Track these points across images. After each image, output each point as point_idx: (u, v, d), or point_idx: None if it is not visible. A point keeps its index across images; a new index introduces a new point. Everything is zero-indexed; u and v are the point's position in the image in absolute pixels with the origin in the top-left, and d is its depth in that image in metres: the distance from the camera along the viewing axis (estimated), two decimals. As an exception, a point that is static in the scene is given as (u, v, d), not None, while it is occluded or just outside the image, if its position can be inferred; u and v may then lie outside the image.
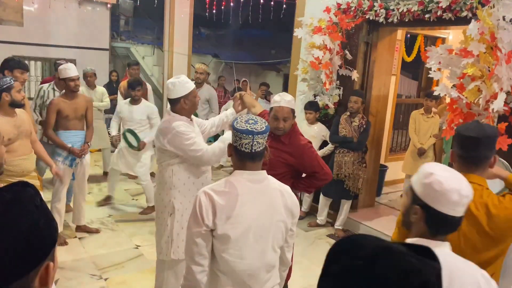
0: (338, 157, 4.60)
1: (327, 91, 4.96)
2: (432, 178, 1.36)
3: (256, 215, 1.69)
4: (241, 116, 1.77)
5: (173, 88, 2.73)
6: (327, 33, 4.66)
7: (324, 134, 4.95)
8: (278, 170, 2.85)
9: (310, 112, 4.89)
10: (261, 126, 1.71)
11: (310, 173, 2.87)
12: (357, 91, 4.68)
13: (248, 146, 1.68)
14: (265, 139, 1.71)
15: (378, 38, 4.86)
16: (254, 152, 1.69)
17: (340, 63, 4.85)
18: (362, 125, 4.56)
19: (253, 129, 1.68)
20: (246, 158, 1.71)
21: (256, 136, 1.67)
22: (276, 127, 2.82)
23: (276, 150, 2.83)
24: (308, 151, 2.83)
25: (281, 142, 2.83)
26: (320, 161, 2.86)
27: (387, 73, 5.11)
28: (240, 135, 1.68)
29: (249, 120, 1.73)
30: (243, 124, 1.70)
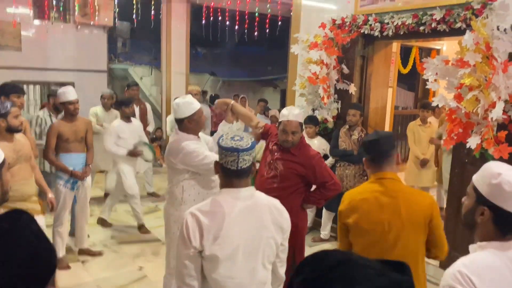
0: (339, 170, 4.59)
1: (325, 105, 4.97)
2: (500, 178, 1.32)
3: (244, 233, 1.67)
4: (227, 133, 1.77)
5: (178, 109, 2.82)
6: (323, 48, 4.70)
7: (324, 147, 4.95)
8: (290, 181, 2.94)
9: (309, 126, 4.90)
10: (246, 143, 1.70)
11: (320, 184, 2.95)
12: (355, 104, 4.69)
13: (234, 164, 1.67)
14: (251, 156, 1.70)
15: (373, 52, 4.90)
16: (240, 169, 1.68)
17: (337, 77, 4.87)
18: (361, 137, 4.56)
19: (238, 146, 1.67)
20: (232, 175, 1.70)
21: (241, 153, 1.66)
22: (285, 140, 2.92)
23: (287, 162, 2.94)
24: (318, 161, 2.93)
25: (291, 154, 2.94)
26: (330, 171, 2.97)
27: (384, 86, 5.14)
28: (225, 152, 1.68)
29: (234, 137, 1.72)
30: (228, 142, 1.70)
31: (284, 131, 2.91)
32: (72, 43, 8.94)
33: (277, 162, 2.97)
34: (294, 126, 2.89)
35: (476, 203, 1.39)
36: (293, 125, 2.88)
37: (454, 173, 3.91)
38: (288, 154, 2.95)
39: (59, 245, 4.01)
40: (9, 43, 8.33)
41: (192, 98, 2.89)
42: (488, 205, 1.35)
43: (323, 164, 2.96)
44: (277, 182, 2.95)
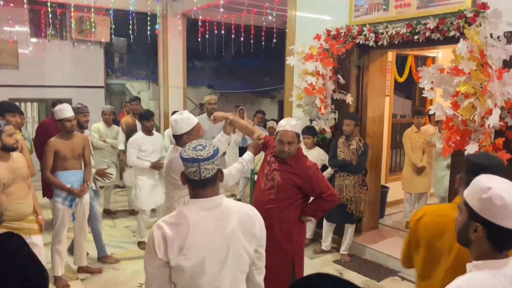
0: (338, 180, 4.57)
1: (322, 116, 4.98)
2: (491, 192, 1.27)
3: (210, 244, 1.65)
4: (191, 143, 1.78)
5: (176, 125, 2.84)
6: (318, 60, 4.72)
7: (323, 158, 4.94)
8: (287, 192, 2.93)
9: (307, 137, 4.89)
10: (208, 151, 1.70)
11: (317, 195, 2.94)
12: (349, 114, 4.71)
13: (197, 174, 1.67)
14: (214, 164, 1.70)
15: (369, 61, 4.92)
16: (204, 179, 1.68)
17: (334, 87, 4.88)
18: (359, 147, 4.55)
19: (198, 156, 1.67)
20: (196, 186, 1.70)
21: (202, 163, 1.66)
22: (282, 151, 2.92)
23: (284, 173, 2.93)
24: (315, 172, 2.93)
25: (288, 165, 2.94)
26: (327, 183, 2.96)
27: (380, 95, 5.15)
28: (186, 163, 1.69)
29: (197, 147, 1.73)
30: (189, 152, 1.70)
31: (281, 141, 2.91)
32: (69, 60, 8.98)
33: (274, 173, 2.96)
34: (290, 137, 2.88)
35: (469, 220, 1.35)
36: (289, 135, 2.88)
37: (453, 181, 3.90)
38: (285, 165, 2.94)
39: (58, 263, 3.97)
40: (6, 61, 8.36)
41: (189, 113, 2.91)
42: (480, 221, 1.31)
43: (320, 175, 2.95)
44: (274, 193, 2.94)
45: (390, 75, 6.22)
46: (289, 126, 2.90)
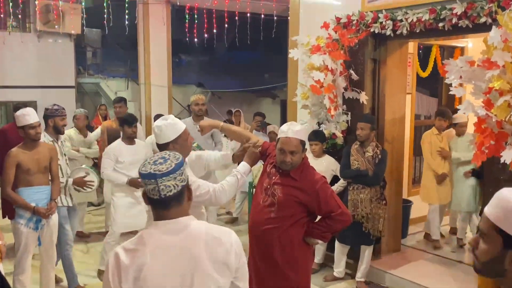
0: (352, 194, 4.58)
1: (332, 118, 4.99)
2: None
3: (171, 274, 1.65)
4: (153, 156, 1.80)
5: (160, 133, 2.85)
6: (327, 52, 4.74)
7: (333, 168, 4.95)
8: (290, 210, 2.94)
9: (315, 143, 4.90)
10: (169, 165, 1.70)
11: (326, 214, 2.95)
12: (364, 116, 4.73)
13: (155, 192, 1.69)
14: (177, 179, 1.70)
15: (386, 53, 4.95)
16: (165, 198, 1.68)
17: (345, 84, 4.91)
18: (376, 154, 4.57)
19: (156, 171, 1.68)
20: (157, 206, 1.72)
21: (160, 179, 1.67)
22: (283, 161, 2.94)
23: (286, 187, 2.95)
24: (323, 186, 2.94)
25: (291, 178, 2.95)
26: (337, 199, 2.97)
27: (400, 92, 5.17)
28: (143, 180, 1.70)
29: (158, 160, 1.74)
30: (147, 166, 1.72)
31: (282, 150, 2.92)
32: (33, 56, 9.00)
33: (274, 187, 2.98)
34: (293, 145, 2.90)
35: (504, 249, 1.30)
36: (292, 143, 2.90)
37: (488, 193, 3.91)
38: (288, 178, 2.96)
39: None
40: (-41, 58, 8.40)
41: (175, 118, 2.93)
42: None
43: (329, 190, 2.97)
44: (274, 211, 2.95)
45: (411, 69, 6.25)
46: (292, 133, 2.92)
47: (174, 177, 1.70)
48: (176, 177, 1.70)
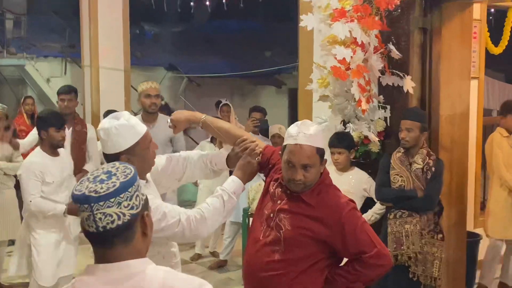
0: (393, 225, 4.57)
1: (364, 114, 4.98)
2: None
3: None
4: (97, 169, 1.79)
5: (108, 139, 2.78)
6: (355, 19, 4.75)
7: (365, 186, 4.95)
8: (301, 250, 2.94)
9: (339, 151, 4.89)
10: (111, 184, 1.69)
11: (355, 255, 2.94)
12: (410, 112, 4.73)
13: (90, 223, 1.69)
14: (123, 206, 1.69)
15: (441, 20, 4.94)
16: (104, 232, 1.69)
17: (382, 65, 4.90)
18: (429, 167, 4.56)
19: (91, 192, 1.68)
20: (95, 242, 1.74)
21: (96, 205, 1.67)
22: (292, 179, 2.94)
23: (296, 216, 2.95)
24: (351, 214, 2.94)
25: (303, 203, 2.96)
26: (371, 234, 2.96)
27: (462, 77, 5.17)
28: (77, 205, 1.72)
29: (99, 176, 1.73)
30: (84, 185, 1.72)
31: (290, 163, 2.91)
32: None
33: (280, 216, 2.97)
34: (305, 156, 2.89)
35: None
36: (304, 153, 2.89)
37: None
38: (299, 203, 2.96)
39: None
40: None
41: (131, 116, 2.87)
42: None
43: (359, 220, 2.96)
44: (280, 251, 2.94)
45: (478, 43, 6.26)
46: (304, 137, 2.91)
47: (118, 202, 1.69)
48: (121, 203, 1.69)
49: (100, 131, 2.80)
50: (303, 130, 2.92)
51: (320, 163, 2.96)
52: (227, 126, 3.52)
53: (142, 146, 2.83)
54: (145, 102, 5.46)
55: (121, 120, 2.80)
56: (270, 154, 3.24)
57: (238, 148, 3.24)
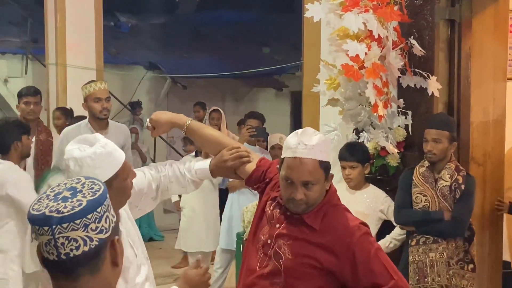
0: (416, 253, 4.56)
1: (381, 121, 4.98)
2: None
3: None
4: (58, 184, 1.77)
5: (81, 171, 2.62)
6: (370, 9, 4.76)
7: (382, 207, 4.95)
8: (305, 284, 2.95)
9: (351, 164, 4.90)
10: (76, 203, 1.67)
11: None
12: (437, 118, 4.74)
13: (51, 249, 1.66)
14: (91, 229, 1.68)
15: (472, 11, 4.96)
16: (67, 259, 1.66)
17: (402, 64, 4.91)
18: (458, 185, 4.55)
19: (53, 212, 1.65)
20: (55, 272, 1.72)
21: (59, 228, 1.64)
22: (292, 199, 2.93)
23: (298, 243, 2.95)
24: (363, 240, 2.94)
25: (305, 227, 2.96)
26: (387, 263, 2.94)
27: (497, 78, 5.18)
28: (34, 227, 1.68)
29: (61, 193, 1.71)
30: (43, 203, 1.69)
31: (289, 180, 2.90)
32: None
33: (279, 242, 2.96)
34: (307, 171, 2.87)
35: None
36: (305, 168, 2.87)
37: None
38: (301, 228, 2.95)
39: None
40: None
41: (106, 141, 2.74)
42: None
43: (373, 247, 2.94)
44: (280, 284, 2.94)
45: (515, 38, 6.27)
46: (304, 149, 2.89)
47: (85, 224, 1.66)
48: (88, 225, 1.67)
49: (70, 161, 2.67)
50: (304, 140, 2.90)
51: (324, 179, 2.95)
52: (216, 134, 3.51)
53: (122, 177, 2.74)
54: (95, 107, 5.46)
55: (96, 146, 2.68)
56: (267, 168, 3.24)
57: (229, 155, 3.23)
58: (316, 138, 2.93)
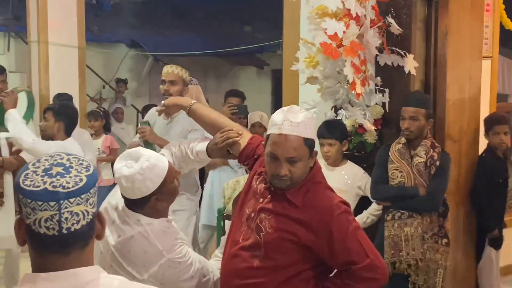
0: (391, 228, 4.60)
1: (358, 99, 4.99)
2: None
3: None
4: (38, 159, 1.76)
5: (133, 186, 2.87)
6: (348, -13, 4.76)
7: (360, 183, 4.98)
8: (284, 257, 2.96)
9: (330, 142, 4.92)
10: (77, 178, 1.69)
11: (344, 265, 2.96)
12: (413, 96, 4.76)
13: (53, 224, 1.66)
14: (90, 204, 1.70)
15: (449, -10, 4.98)
16: (67, 234, 1.67)
17: (380, 42, 4.92)
18: (433, 161, 4.59)
19: (58, 187, 1.65)
20: (49, 247, 1.70)
21: (66, 203, 1.65)
22: (276, 175, 2.94)
23: (279, 218, 2.96)
24: (341, 218, 2.95)
25: (287, 202, 2.98)
26: (363, 241, 2.96)
27: (473, 56, 5.21)
28: (31, 203, 1.66)
29: (50, 169, 1.70)
30: (37, 179, 1.68)
31: (273, 157, 2.91)
32: None
33: (261, 216, 2.98)
34: (291, 148, 2.88)
35: None
36: (290, 144, 2.88)
37: None
38: (283, 203, 2.96)
39: None
40: None
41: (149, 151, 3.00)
42: None
43: (350, 225, 2.95)
44: (259, 256, 2.96)
45: (491, 17, 6.28)
46: (290, 126, 2.91)
47: (87, 199, 1.69)
48: (88, 200, 1.70)
49: (121, 179, 2.87)
50: (290, 117, 2.91)
51: (309, 156, 2.96)
52: (215, 116, 3.57)
53: (169, 180, 2.97)
54: None
55: (141, 161, 2.88)
56: (256, 145, 3.27)
57: (219, 138, 3.30)
58: (301, 115, 2.95)
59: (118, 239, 2.94)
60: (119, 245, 2.93)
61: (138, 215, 2.95)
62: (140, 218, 2.94)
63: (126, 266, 2.90)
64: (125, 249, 2.91)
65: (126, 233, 2.93)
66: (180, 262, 2.92)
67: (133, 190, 2.88)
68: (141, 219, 2.94)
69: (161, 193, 2.92)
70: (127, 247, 2.91)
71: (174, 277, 2.94)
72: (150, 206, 2.94)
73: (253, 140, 3.32)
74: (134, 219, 2.94)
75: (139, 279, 2.87)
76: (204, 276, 2.99)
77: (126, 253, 2.91)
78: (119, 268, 2.92)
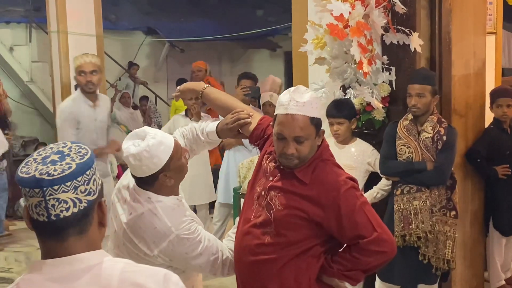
0: (400, 202, 4.59)
1: (366, 78, 4.97)
2: None
3: None
4: (44, 148, 1.79)
5: (141, 164, 2.89)
6: (353, -31, 4.72)
7: (369, 160, 4.97)
8: (293, 233, 2.96)
9: (338, 121, 4.90)
10: (65, 166, 1.69)
11: (352, 240, 2.95)
12: (419, 74, 4.73)
13: (41, 210, 1.68)
14: (80, 191, 1.71)
15: (452, -32, 4.93)
16: (57, 221, 1.69)
17: (385, 21, 4.88)
18: (440, 136, 4.57)
19: (43, 175, 1.67)
20: (44, 233, 1.73)
21: (50, 190, 1.67)
22: (283, 154, 2.95)
23: (288, 195, 2.97)
24: (349, 194, 2.94)
25: (296, 180, 2.98)
26: (371, 216, 2.95)
27: (477, 32, 5.18)
28: (23, 189, 1.71)
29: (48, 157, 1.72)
30: (32, 166, 1.70)
31: (281, 136, 2.92)
32: None
33: (271, 194, 2.99)
34: (298, 127, 2.88)
35: None
36: (297, 124, 2.88)
37: None
38: (292, 181, 2.96)
39: None
40: None
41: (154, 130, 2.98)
42: None
43: (358, 200, 2.94)
44: (270, 233, 2.96)
45: (494, -6, 6.23)
46: (297, 106, 2.90)
47: (75, 186, 1.69)
48: (77, 187, 1.70)
49: (129, 158, 2.89)
50: (295, 97, 2.91)
51: (315, 135, 2.95)
52: (226, 99, 3.60)
53: (176, 157, 2.97)
54: (80, 80, 5.50)
55: (148, 139, 2.90)
56: (266, 125, 3.28)
57: (230, 119, 3.32)
58: (307, 95, 2.94)
59: (130, 216, 2.96)
60: (130, 222, 2.95)
61: (148, 193, 2.96)
62: (150, 195, 2.96)
63: (138, 243, 2.91)
64: (136, 226, 2.93)
65: (137, 211, 2.94)
66: (188, 238, 2.92)
67: (141, 167, 2.90)
68: (151, 197, 2.96)
69: (169, 169, 2.93)
70: (138, 224, 2.93)
71: (183, 253, 2.95)
72: (159, 183, 2.96)
73: (262, 121, 3.32)
74: (144, 196, 2.96)
75: (150, 255, 2.91)
76: (213, 254, 2.99)
77: (137, 229, 2.93)
78: (132, 245, 2.95)
